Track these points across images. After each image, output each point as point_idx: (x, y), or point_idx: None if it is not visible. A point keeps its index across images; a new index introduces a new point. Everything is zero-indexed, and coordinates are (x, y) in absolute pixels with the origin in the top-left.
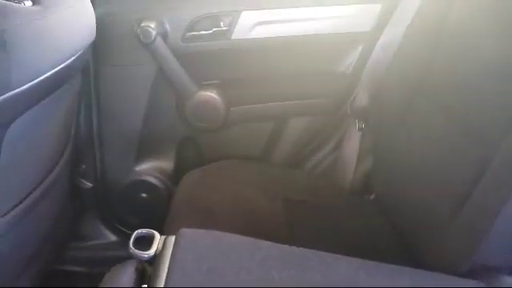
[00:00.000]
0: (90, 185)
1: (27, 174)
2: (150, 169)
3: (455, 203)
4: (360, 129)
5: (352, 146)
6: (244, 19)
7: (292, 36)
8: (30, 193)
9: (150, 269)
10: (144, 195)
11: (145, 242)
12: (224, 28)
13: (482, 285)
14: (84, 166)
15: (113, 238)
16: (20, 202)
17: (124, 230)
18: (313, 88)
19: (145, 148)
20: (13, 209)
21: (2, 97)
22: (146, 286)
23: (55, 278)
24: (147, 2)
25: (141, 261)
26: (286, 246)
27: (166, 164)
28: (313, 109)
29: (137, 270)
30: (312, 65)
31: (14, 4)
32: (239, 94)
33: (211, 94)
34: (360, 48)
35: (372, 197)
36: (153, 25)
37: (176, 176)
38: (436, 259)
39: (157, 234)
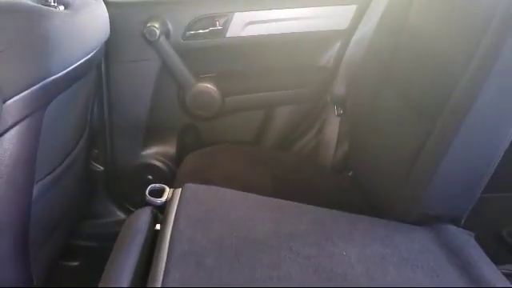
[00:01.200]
0: (101, 168)
1: (56, 149)
2: (154, 153)
3: (407, 167)
4: (339, 115)
5: (332, 130)
6: (236, 20)
7: (279, 34)
8: (57, 167)
9: (161, 216)
10: (150, 177)
11: (157, 195)
12: (219, 27)
13: (427, 230)
14: (96, 151)
15: (122, 215)
16: (49, 173)
17: (132, 208)
18: (297, 79)
19: (150, 135)
20: (44, 178)
21: (46, 80)
22: (159, 225)
23: (70, 252)
24: (152, 5)
25: (155, 207)
26: (270, 198)
27: (169, 149)
28: (298, 98)
29: (152, 213)
30: (296, 59)
31: (53, 9)
32: (233, 85)
33: (208, 86)
34: (338, 44)
35: (350, 174)
36: (157, 25)
37: (178, 159)
38: (390, 212)
39: (167, 188)
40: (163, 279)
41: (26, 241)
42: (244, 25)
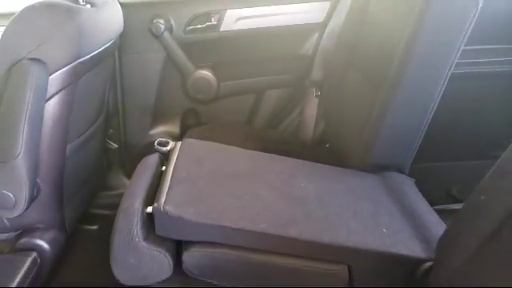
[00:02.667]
0: (115, 145)
1: (82, 119)
2: (161, 132)
3: (362, 129)
4: (316, 96)
5: (311, 109)
6: (228, 16)
7: (265, 27)
8: (82, 133)
9: (166, 162)
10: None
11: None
12: (214, 23)
13: (376, 175)
14: (111, 131)
15: None
16: (77, 137)
17: None
18: (282, 67)
19: (157, 116)
20: (74, 141)
21: (78, 60)
22: (164, 167)
23: (90, 218)
24: (157, 5)
25: (161, 154)
26: (251, 151)
27: (173, 129)
28: (283, 83)
29: (159, 157)
30: (280, 49)
31: (82, 7)
32: (227, 72)
33: (206, 73)
34: (315, 35)
35: (327, 145)
36: (162, 21)
37: (181, 138)
38: (350, 164)
39: (170, 141)
40: (167, 193)
41: (61, 190)
42: (235, 20)
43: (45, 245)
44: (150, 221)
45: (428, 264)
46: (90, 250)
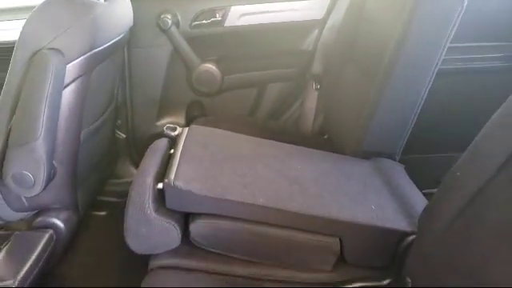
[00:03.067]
0: (123, 136)
1: (95, 107)
2: (167, 124)
3: (357, 119)
4: (316, 89)
5: (311, 102)
6: (233, 12)
7: (268, 23)
8: (95, 121)
9: (174, 146)
10: None
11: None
12: (219, 18)
13: (368, 160)
14: (119, 122)
15: None
16: (91, 124)
17: None
18: (284, 61)
19: (163, 109)
20: (87, 127)
21: (93, 51)
22: (172, 150)
23: (99, 205)
24: (165, 1)
25: (170, 139)
26: (258, 138)
27: (179, 120)
28: (284, 76)
29: (168, 142)
30: (283, 44)
31: (97, 1)
32: (231, 66)
33: (210, 66)
34: (316, 31)
35: (326, 136)
36: (169, 16)
37: None
38: (345, 152)
39: (178, 127)
40: (176, 171)
41: (75, 173)
42: (239, 16)
43: (60, 224)
44: (160, 196)
45: (412, 237)
46: (98, 233)
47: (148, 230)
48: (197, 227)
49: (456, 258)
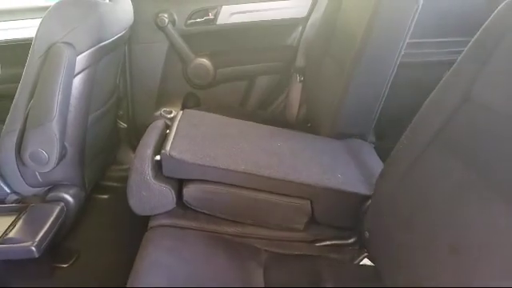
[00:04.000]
0: (124, 125)
1: (101, 94)
2: None
3: (330, 104)
4: (300, 81)
5: (296, 93)
6: (224, 11)
7: (256, 21)
8: (100, 107)
9: (169, 126)
10: None
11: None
12: (211, 17)
13: (341, 140)
14: (121, 112)
15: None
16: (97, 110)
17: None
18: (271, 55)
19: (161, 100)
20: (94, 112)
21: (99, 45)
22: (168, 131)
23: (101, 189)
24: (162, 1)
25: (166, 120)
26: (244, 121)
27: (176, 111)
28: (271, 69)
29: (165, 122)
30: (269, 40)
31: (102, 1)
32: (223, 60)
33: (204, 60)
34: (299, 28)
35: (309, 125)
36: (166, 15)
37: None
38: (320, 132)
39: (173, 110)
40: (171, 144)
41: (83, 154)
42: (230, 15)
43: (69, 198)
44: (158, 165)
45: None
46: (101, 214)
47: (148, 193)
48: (189, 191)
49: (400, 215)
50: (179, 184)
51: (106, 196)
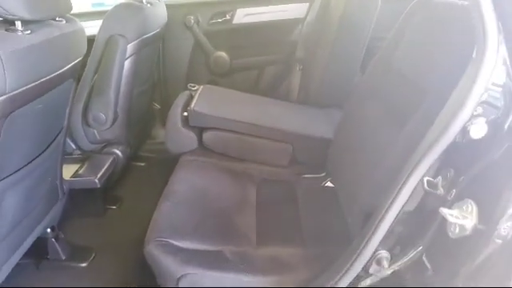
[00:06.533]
0: (158, 106)
1: (143, 76)
2: None
3: (317, 82)
4: (299, 69)
5: (296, 79)
6: (239, 13)
7: (265, 21)
8: (141, 85)
9: (193, 96)
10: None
11: None
12: (228, 18)
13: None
14: (155, 95)
15: None
16: (139, 86)
17: None
18: (276, 49)
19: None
20: (137, 87)
21: (142, 37)
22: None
23: (139, 158)
24: (189, 5)
25: (191, 92)
26: (251, 95)
27: None
28: (277, 60)
29: (190, 93)
30: (276, 36)
31: (145, 5)
32: (237, 53)
33: (222, 53)
34: (299, 26)
35: None
36: (192, 17)
37: None
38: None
39: (197, 85)
40: (195, 103)
41: (129, 119)
42: (243, 16)
43: (119, 153)
44: (185, 119)
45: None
46: (139, 177)
47: (179, 137)
48: (207, 136)
49: (348, 146)
50: (200, 131)
51: (142, 164)
